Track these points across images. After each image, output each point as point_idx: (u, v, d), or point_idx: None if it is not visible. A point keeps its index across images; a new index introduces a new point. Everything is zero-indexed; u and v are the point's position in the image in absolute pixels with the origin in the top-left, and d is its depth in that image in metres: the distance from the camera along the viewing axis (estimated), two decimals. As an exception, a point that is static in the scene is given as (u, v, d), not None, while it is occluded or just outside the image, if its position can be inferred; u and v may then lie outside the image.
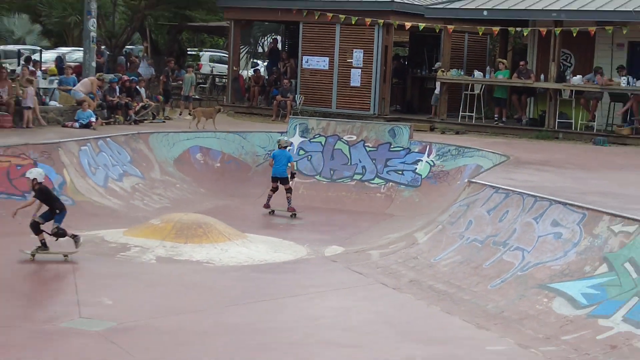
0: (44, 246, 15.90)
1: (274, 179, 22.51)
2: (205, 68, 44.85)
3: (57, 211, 15.93)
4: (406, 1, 32.89)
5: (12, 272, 15.44)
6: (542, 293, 13.89)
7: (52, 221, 15.85)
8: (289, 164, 22.33)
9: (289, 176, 22.31)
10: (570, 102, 29.21)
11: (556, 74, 28.90)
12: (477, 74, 31.15)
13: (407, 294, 14.95)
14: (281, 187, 22.42)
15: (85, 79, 28.53)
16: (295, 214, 22.24)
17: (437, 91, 31.63)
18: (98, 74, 29.17)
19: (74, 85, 28.38)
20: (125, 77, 31.24)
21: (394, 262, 16.80)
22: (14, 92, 25.34)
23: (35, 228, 15.81)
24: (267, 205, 22.49)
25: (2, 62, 36.87)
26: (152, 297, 14.27)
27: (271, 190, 22.57)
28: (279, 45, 39.64)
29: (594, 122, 28.95)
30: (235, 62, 36.58)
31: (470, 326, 13.20)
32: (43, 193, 16.08)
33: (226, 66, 38.57)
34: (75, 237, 16.08)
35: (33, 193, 16.16)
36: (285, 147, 22.96)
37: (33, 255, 15.87)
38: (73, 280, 14.62)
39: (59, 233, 15.81)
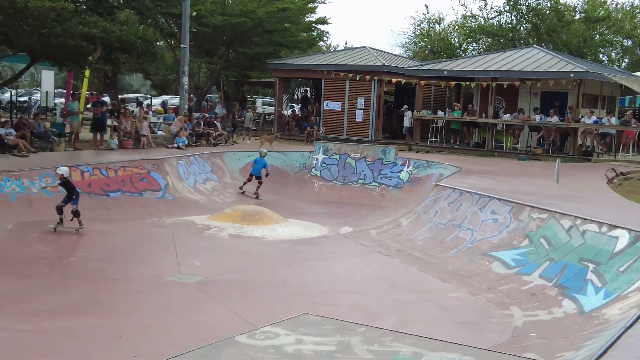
0: (61, 222, 15.71)
1: (251, 176, 22.87)
2: (259, 109, 45.04)
3: (74, 196, 15.79)
4: (393, 65, 32.93)
5: (133, 244, 15.64)
6: (485, 258, 13.98)
7: (71, 203, 15.72)
8: (264, 169, 22.62)
9: (262, 175, 22.56)
10: (502, 132, 29.16)
11: (493, 113, 28.87)
12: (440, 113, 31.11)
13: (394, 259, 15.04)
14: (254, 181, 22.81)
15: (178, 117, 28.71)
16: (258, 197, 22.53)
17: (406, 124, 31.77)
18: (184, 112, 29.28)
19: (173, 121, 28.54)
20: (207, 115, 31.46)
21: (386, 238, 16.86)
22: (134, 125, 25.50)
23: (59, 210, 15.65)
24: (241, 188, 22.98)
25: (126, 105, 37.08)
26: (227, 261, 14.36)
27: (247, 180, 22.97)
28: (308, 94, 39.70)
29: (518, 145, 28.91)
30: (279, 105, 36.71)
31: (437, 280, 13.32)
32: (66, 184, 15.89)
33: (273, 108, 38.69)
34: (80, 223, 15.78)
35: (59, 182, 15.97)
36: (264, 156, 23.18)
37: (54, 228, 15.65)
38: (174, 250, 14.71)
39: (76, 212, 15.63)
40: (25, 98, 42.93)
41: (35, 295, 11.13)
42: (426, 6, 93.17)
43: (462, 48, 47.60)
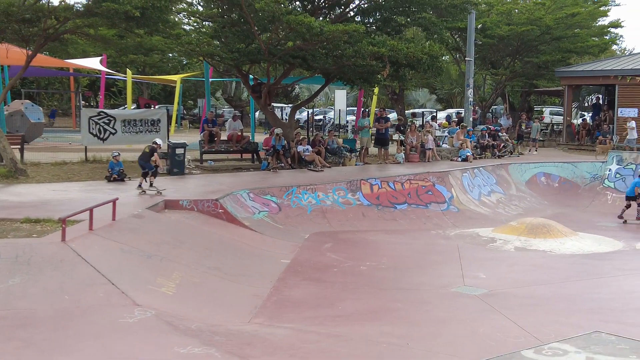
0: (140, 186, 16.41)
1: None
2: (547, 119, 43.52)
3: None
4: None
5: (419, 254, 15.83)
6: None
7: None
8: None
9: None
10: None
11: None
12: None
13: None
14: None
15: (457, 131, 28.73)
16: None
17: None
18: (461, 124, 29.26)
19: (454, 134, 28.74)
20: (492, 127, 31.18)
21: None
22: (420, 139, 26.10)
23: (145, 175, 16.50)
24: (620, 217, 20.61)
25: (414, 119, 38.01)
26: (512, 274, 14.06)
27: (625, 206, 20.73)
28: (600, 101, 37.61)
29: None
30: (569, 114, 35.22)
31: None
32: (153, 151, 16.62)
33: (562, 117, 37.20)
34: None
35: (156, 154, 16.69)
36: None
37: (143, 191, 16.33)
38: (459, 262, 14.74)
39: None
40: (320, 116, 45.81)
41: (332, 301, 11.58)
42: None
43: None
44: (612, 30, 40.47)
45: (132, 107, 32.35)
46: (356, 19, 24.31)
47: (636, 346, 7.66)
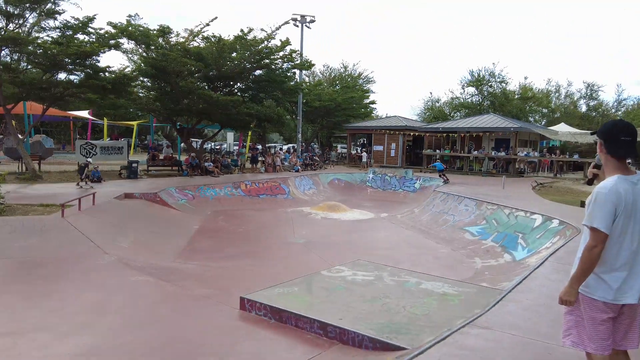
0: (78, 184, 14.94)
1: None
2: (339, 150, 44.43)
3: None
4: (411, 125, 31.89)
5: (273, 221, 15.41)
6: (462, 231, 13.53)
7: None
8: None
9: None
10: (473, 161, 27.91)
11: (467, 150, 27.86)
12: (437, 150, 30.14)
13: (410, 231, 14.59)
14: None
15: (291, 155, 28.76)
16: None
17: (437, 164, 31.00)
18: (293, 153, 29.34)
19: (289, 157, 28.75)
20: (311, 154, 31.34)
21: (406, 220, 16.46)
22: (273, 159, 25.71)
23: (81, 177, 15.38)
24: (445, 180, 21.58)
25: (270, 148, 37.54)
26: (320, 231, 13.87)
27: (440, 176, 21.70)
28: (365, 141, 39.18)
29: (482, 167, 27.52)
30: (349, 147, 36.24)
31: (433, 243, 12.86)
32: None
33: (346, 149, 38.41)
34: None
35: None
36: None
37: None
38: (292, 225, 14.41)
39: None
40: (218, 146, 44.46)
41: (221, 248, 11.25)
42: (430, 93, 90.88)
43: (451, 115, 46.32)
44: (372, 105, 42.37)
45: (107, 139, 30.56)
46: (238, 94, 23.90)
47: (378, 266, 8.20)
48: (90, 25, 16.53)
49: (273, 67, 23.14)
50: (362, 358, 4.79)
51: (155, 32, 19.85)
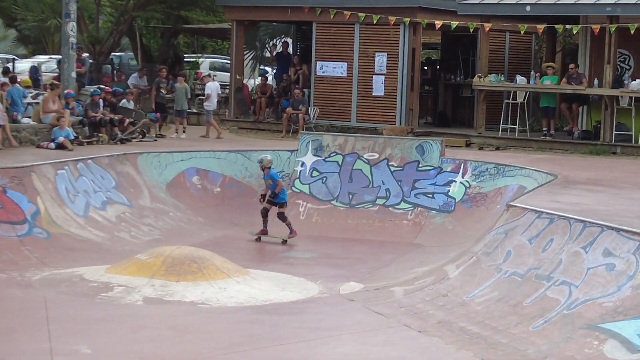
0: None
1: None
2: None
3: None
4: (435, -3, 32.83)
5: None
6: (592, 335, 13.76)
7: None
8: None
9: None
10: (629, 111, 29.08)
11: (612, 79, 28.83)
12: (520, 79, 31.12)
13: (434, 337, 14.85)
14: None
15: (48, 93, 28.48)
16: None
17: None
18: (52, 82, 29.23)
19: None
20: (108, 88, 31.37)
21: (420, 301, 16.76)
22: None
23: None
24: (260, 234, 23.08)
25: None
26: (138, 344, 14.22)
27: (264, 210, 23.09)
28: (290, 50, 39.59)
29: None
30: (239, 70, 36.68)
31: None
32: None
33: (228, 74, 38.61)
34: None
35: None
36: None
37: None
38: (46, 326, 14.59)
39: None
40: None
41: None
42: None
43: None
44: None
45: None
46: None
47: None
48: None
49: None
50: None
51: None
